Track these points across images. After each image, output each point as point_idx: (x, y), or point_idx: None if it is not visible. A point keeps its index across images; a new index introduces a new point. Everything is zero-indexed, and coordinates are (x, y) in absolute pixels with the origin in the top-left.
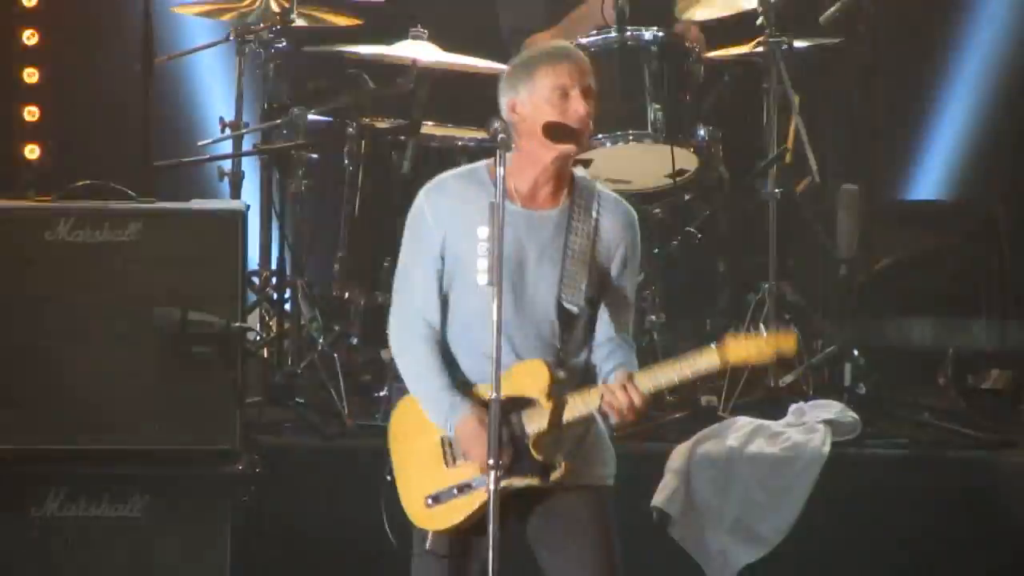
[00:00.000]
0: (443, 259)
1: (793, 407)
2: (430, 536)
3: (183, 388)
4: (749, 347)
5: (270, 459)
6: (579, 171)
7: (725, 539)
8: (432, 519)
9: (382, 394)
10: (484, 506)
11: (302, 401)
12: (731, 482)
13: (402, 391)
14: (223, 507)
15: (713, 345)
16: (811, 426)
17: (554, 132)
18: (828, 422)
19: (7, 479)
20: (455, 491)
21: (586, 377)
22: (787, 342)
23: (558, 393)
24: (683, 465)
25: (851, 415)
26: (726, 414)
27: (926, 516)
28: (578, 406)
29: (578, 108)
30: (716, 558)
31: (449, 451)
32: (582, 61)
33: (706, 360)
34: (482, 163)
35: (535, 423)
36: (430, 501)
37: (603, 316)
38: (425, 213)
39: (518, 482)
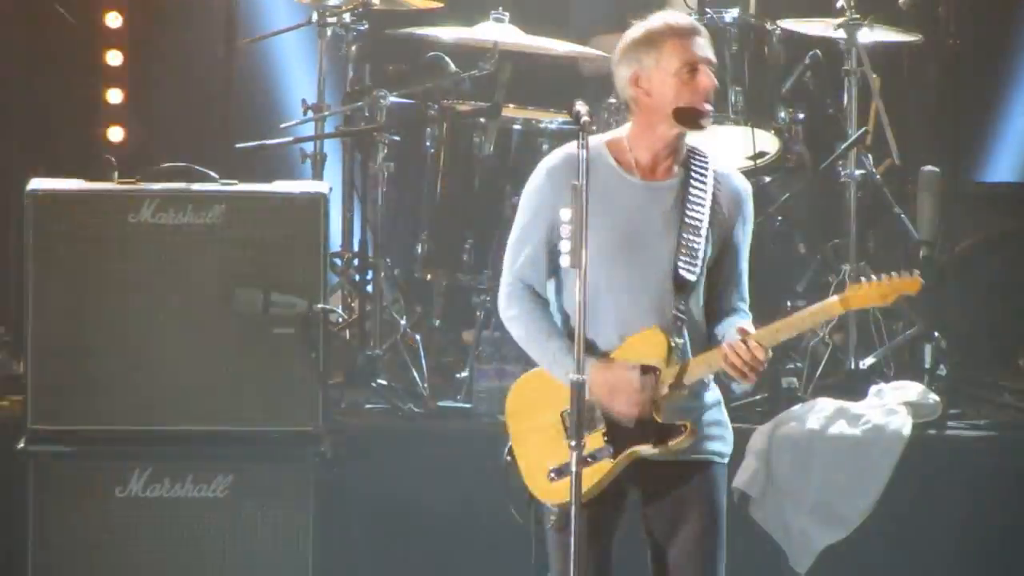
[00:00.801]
0: (558, 230)
1: (874, 389)
2: (555, 511)
3: (266, 369)
4: (871, 292)
5: (352, 440)
6: (694, 141)
7: (806, 520)
8: (557, 492)
9: (463, 375)
10: (609, 475)
11: (384, 382)
12: (812, 464)
13: (484, 373)
14: (306, 487)
15: (834, 296)
16: (892, 408)
17: (684, 117)
18: (909, 404)
19: (92, 460)
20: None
21: (707, 346)
22: (910, 285)
23: (677, 359)
24: (764, 447)
25: (932, 397)
26: (807, 396)
27: (1007, 497)
28: (699, 369)
29: (707, 83)
30: (797, 539)
31: (568, 424)
32: (707, 35)
33: (826, 308)
34: (599, 137)
35: (656, 390)
36: (553, 475)
37: (721, 287)
38: (544, 188)
39: (642, 450)
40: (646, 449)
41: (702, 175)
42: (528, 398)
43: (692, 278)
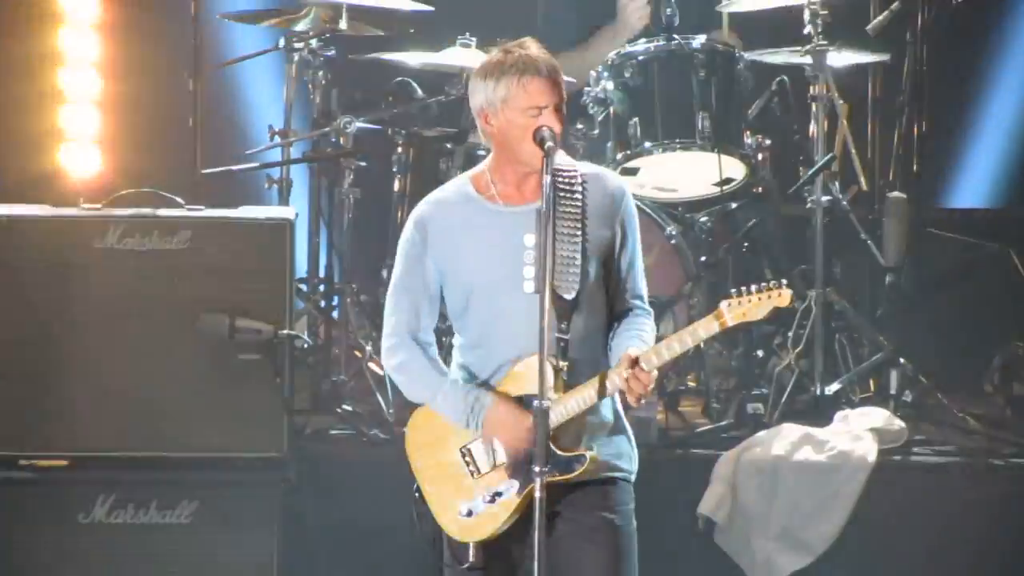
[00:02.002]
0: (442, 278)
1: (839, 415)
2: (472, 548)
3: (231, 395)
4: (747, 309)
5: (317, 466)
6: (559, 155)
7: (771, 546)
8: (470, 531)
9: None
10: (518, 510)
11: (349, 408)
12: (777, 490)
13: None
14: (271, 514)
15: (711, 315)
16: (857, 434)
17: (542, 142)
18: (874, 430)
19: (56, 486)
20: (487, 500)
21: (600, 357)
22: (781, 299)
23: (567, 385)
24: (730, 473)
25: (897, 423)
26: (772, 422)
27: (973, 524)
28: (588, 394)
29: (552, 125)
30: (762, 565)
31: (472, 461)
32: (555, 74)
33: (705, 325)
34: (465, 174)
35: (551, 418)
36: (465, 513)
37: (614, 289)
38: (414, 239)
39: (545, 479)
40: (550, 479)
41: (569, 187)
42: (426, 435)
43: (570, 295)
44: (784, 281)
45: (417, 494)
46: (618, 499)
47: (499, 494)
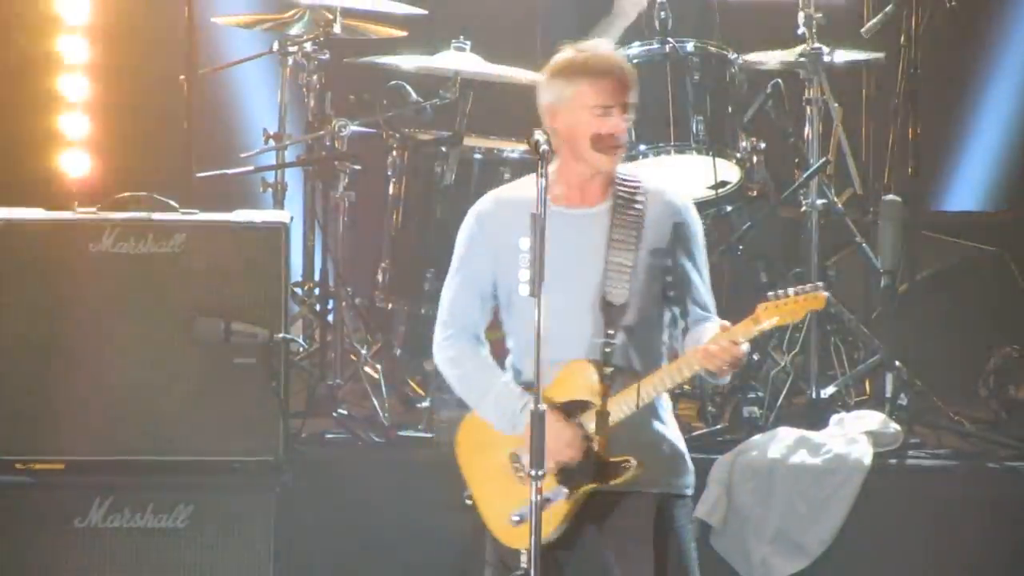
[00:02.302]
0: (495, 276)
1: (835, 418)
2: (524, 555)
3: (226, 399)
4: (781, 310)
5: (313, 470)
6: (624, 166)
7: (767, 550)
8: (521, 537)
9: (425, 405)
10: (568, 516)
11: (345, 412)
12: (773, 493)
13: (445, 402)
14: (266, 517)
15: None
16: (853, 437)
17: (600, 144)
18: (870, 433)
19: (52, 490)
20: (540, 505)
21: (652, 368)
22: (816, 302)
23: (613, 390)
24: (725, 476)
25: (893, 426)
26: (768, 425)
27: (968, 527)
28: (628, 401)
29: (618, 125)
30: (758, 569)
31: (522, 467)
32: (625, 76)
33: (743, 330)
34: (531, 176)
35: (595, 425)
36: (515, 519)
37: (678, 303)
38: (474, 231)
39: (587, 487)
40: (591, 486)
41: (631, 196)
42: (475, 439)
43: (621, 300)
44: (821, 284)
45: (468, 501)
46: (667, 510)
47: (548, 500)
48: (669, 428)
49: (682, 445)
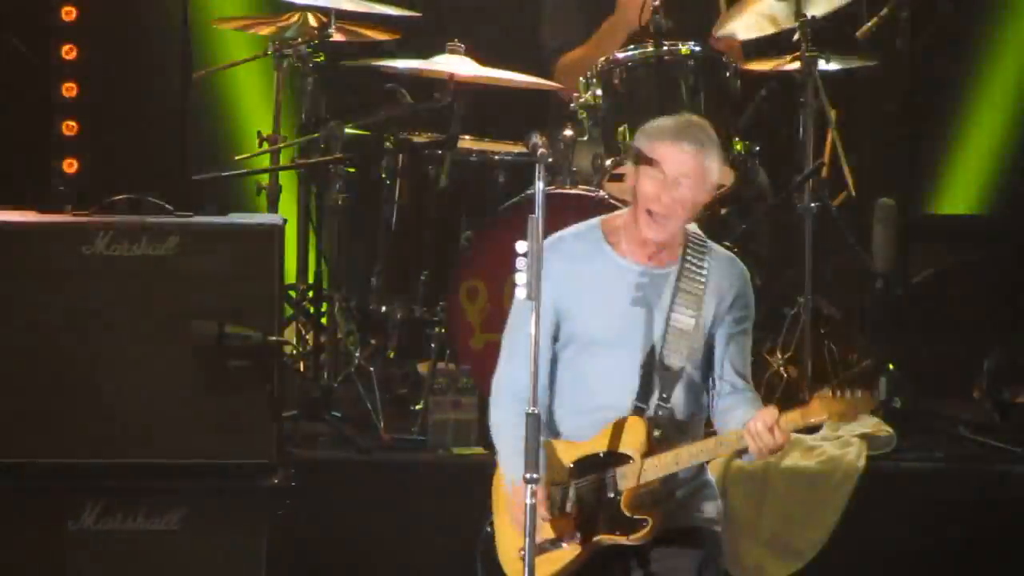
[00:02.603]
0: (555, 320)
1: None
2: None
3: (220, 402)
4: (833, 408)
5: (306, 473)
6: (692, 227)
7: (760, 552)
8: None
9: (418, 408)
10: (575, 562)
11: (338, 415)
12: (766, 496)
13: (439, 405)
14: (259, 521)
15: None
16: (846, 440)
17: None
18: (863, 436)
19: (44, 493)
20: (549, 544)
21: (696, 435)
22: (866, 405)
23: (654, 451)
24: (719, 479)
25: (886, 429)
26: None
27: (962, 530)
28: (669, 464)
29: (672, 196)
30: (752, 572)
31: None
32: (691, 146)
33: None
34: (596, 220)
35: (628, 480)
36: (524, 554)
37: (721, 370)
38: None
39: (607, 539)
40: (611, 540)
41: (698, 261)
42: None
43: (678, 365)
44: (876, 392)
45: (489, 529)
46: (695, 551)
47: (559, 542)
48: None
49: (711, 479)
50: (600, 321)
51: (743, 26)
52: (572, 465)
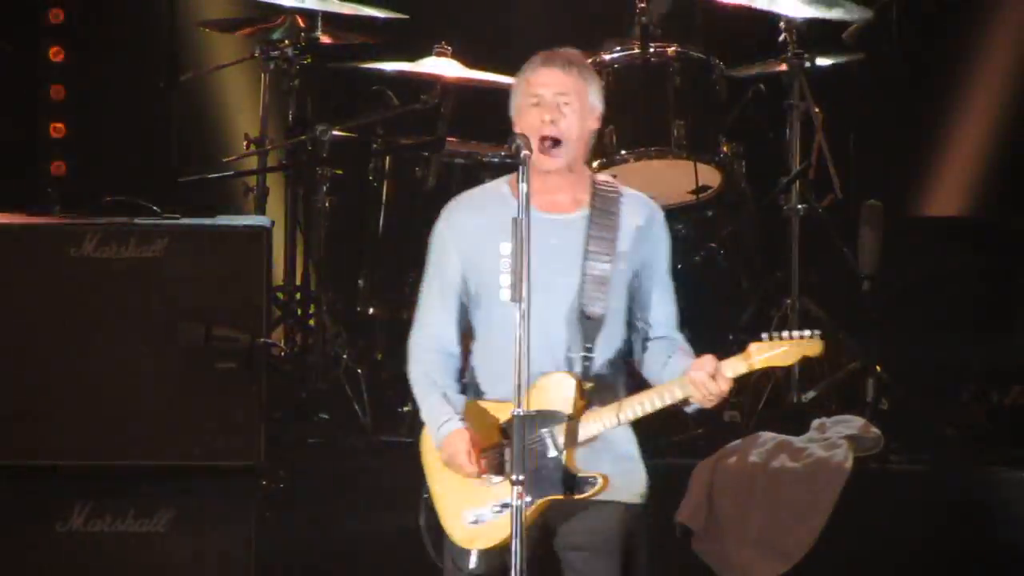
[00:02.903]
0: (465, 278)
1: (815, 423)
2: (474, 555)
3: (207, 404)
4: (774, 354)
5: (294, 474)
6: (602, 175)
7: (747, 554)
8: (474, 538)
9: (406, 410)
10: (527, 523)
11: (326, 417)
12: (754, 497)
13: None
14: (247, 522)
15: (740, 355)
16: (833, 442)
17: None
18: (850, 438)
19: (33, 494)
20: (497, 509)
21: (623, 384)
22: (812, 348)
23: (587, 405)
24: (707, 480)
25: (873, 431)
26: (749, 429)
27: (948, 532)
28: (611, 418)
29: (555, 117)
30: (739, 573)
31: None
32: (556, 64)
33: (732, 365)
34: (503, 179)
35: (567, 438)
36: (471, 520)
37: (644, 314)
38: (444, 233)
39: (551, 498)
40: (557, 497)
41: (608, 205)
42: None
43: (600, 312)
44: (818, 332)
45: (426, 495)
46: (627, 520)
47: (507, 505)
48: (631, 440)
49: (637, 449)
50: (512, 272)
51: None
52: (502, 426)
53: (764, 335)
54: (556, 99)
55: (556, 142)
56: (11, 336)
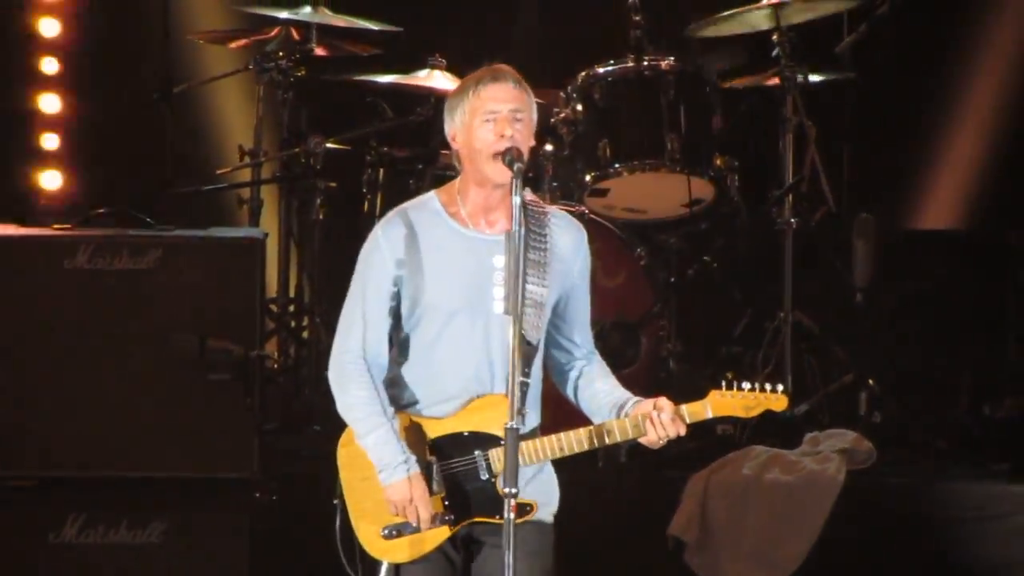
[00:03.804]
0: (398, 292)
1: (808, 436)
2: (385, 567)
3: (201, 415)
4: (735, 403)
5: (288, 486)
6: (528, 193)
7: (741, 567)
8: (388, 551)
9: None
10: (444, 541)
11: (319, 428)
12: (747, 510)
13: None
14: (241, 534)
15: (705, 400)
16: (826, 455)
17: (505, 157)
18: (843, 451)
19: (26, 506)
20: (413, 525)
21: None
22: (776, 403)
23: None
24: (700, 493)
25: (866, 444)
26: (742, 443)
27: (941, 545)
28: (552, 450)
29: (508, 131)
30: None
31: None
32: (507, 80)
33: (691, 410)
34: (432, 192)
35: (499, 462)
36: (390, 532)
37: (571, 335)
38: (381, 246)
39: (481, 519)
40: (491, 521)
41: (538, 229)
42: (359, 449)
43: (535, 338)
44: (780, 387)
45: (336, 501)
46: (545, 539)
47: (432, 523)
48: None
49: (554, 472)
50: (444, 289)
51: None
52: (432, 443)
53: (724, 386)
54: (511, 114)
55: (517, 155)
56: (3, 347)
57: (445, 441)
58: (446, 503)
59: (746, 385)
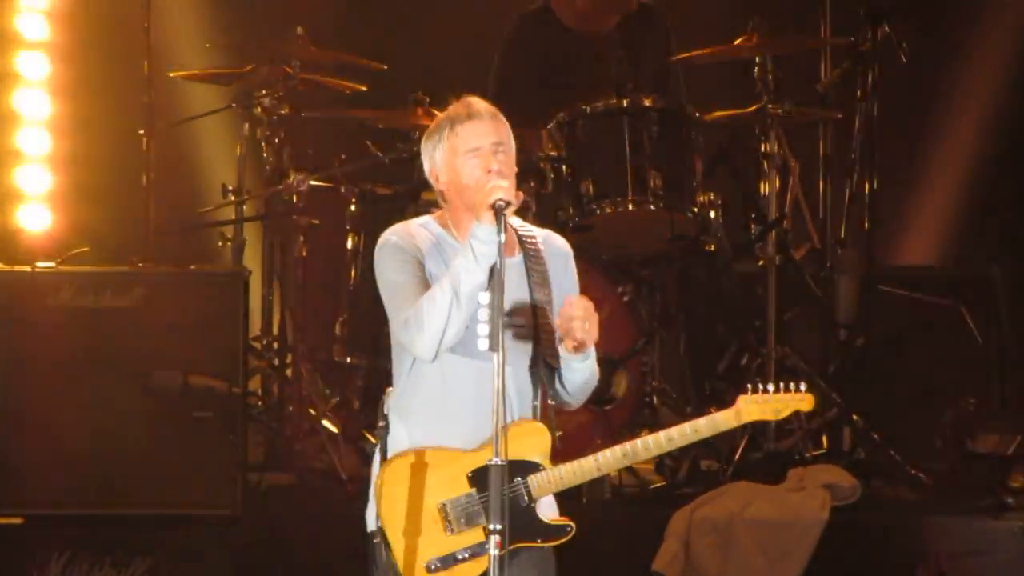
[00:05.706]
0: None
1: (792, 471)
2: None
3: (184, 452)
4: (764, 407)
5: (271, 523)
6: (515, 220)
7: None
8: None
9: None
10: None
11: (302, 466)
12: (731, 546)
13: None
14: (224, 571)
15: (730, 409)
16: (810, 490)
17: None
18: (827, 486)
19: (10, 544)
20: (463, 555)
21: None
22: (802, 403)
23: (556, 454)
24: (683, 529)
25: (850, 479)
26: (726, 478)
27: None
28: (590, 470)
29: (493, 164)
30: None
31: (449, 518)
32: (483, 116)
33: (718, 421)
34: (431, 217)
35: (544, 488)
36: (436, 565)
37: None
38: (400, 242)
39: (525, 544)
40: (535, 546)
41: (535, 254)
42: (405, 481)
43: (556, 363)
44: (804, 386)
45: (376, 540)
46: (550, 567)
47: (473, 553)
48: None
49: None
50: (489, 330)
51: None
52: (470, 476)
53: (750, 388)
54: (493, 147)
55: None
56: None
57: (483, 472)
58: (486, 532)
59: (771, 387)
